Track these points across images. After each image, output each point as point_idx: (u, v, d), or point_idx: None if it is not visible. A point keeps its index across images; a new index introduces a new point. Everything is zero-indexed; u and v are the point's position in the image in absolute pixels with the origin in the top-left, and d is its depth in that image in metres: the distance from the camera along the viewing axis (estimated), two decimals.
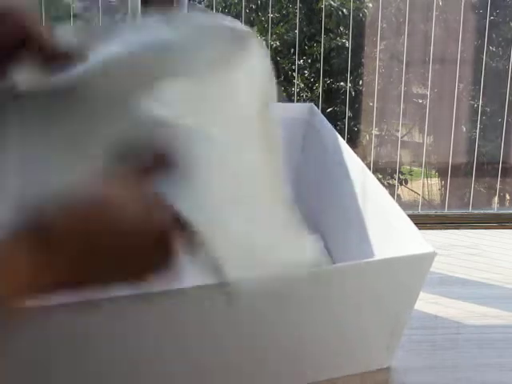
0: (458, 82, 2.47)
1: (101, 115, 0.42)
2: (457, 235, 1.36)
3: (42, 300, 0.38)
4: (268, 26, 4.17)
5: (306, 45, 4.32)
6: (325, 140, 1.06)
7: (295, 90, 3.63)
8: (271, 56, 0.50)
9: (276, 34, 4.31)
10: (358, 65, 4.07)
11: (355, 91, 4.02)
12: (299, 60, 4.24)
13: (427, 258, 0.68)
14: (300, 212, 1.21)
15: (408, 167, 4.43)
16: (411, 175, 4.46)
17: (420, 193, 4.26)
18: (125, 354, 0.60)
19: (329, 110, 3.95)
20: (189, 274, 0.42)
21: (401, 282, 0.70)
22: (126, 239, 0.39)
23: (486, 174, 3.49)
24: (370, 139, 3.82)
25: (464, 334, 0.87)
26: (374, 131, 3.95)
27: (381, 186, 0.87)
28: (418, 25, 3.68)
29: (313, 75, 4.34)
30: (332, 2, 4.05)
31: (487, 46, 3.55)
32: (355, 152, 0.96)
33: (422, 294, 0.72)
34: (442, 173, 4.27)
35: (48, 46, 0.42)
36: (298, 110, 1.14)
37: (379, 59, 3.59)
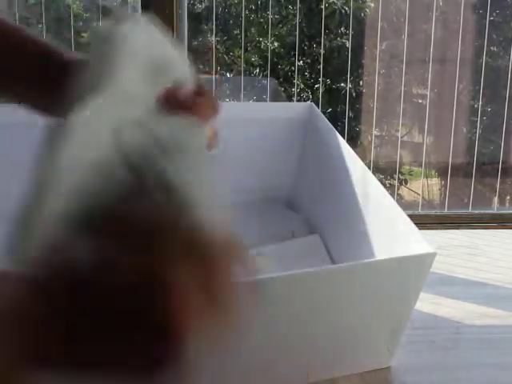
0: (458, 82, 2.47)
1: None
2: (457, 235, 1.36)
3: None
4: (268, 26, 4.17)
5: (305, 45, 4.31)
6: (325, 140, 1.06)
7: (295, 90, 3.63)
8: (270, 57, 0.50)
9: (276, 35, 4.31)
10: (358, 65, 4.07)
11: (355, 91, 4.01)
12: (299, 61, 4.23)
13: (427, 258, 0.68)
14: (300, 212, 1.21)
15: (408, 167, 4.43)
16: (411, 175, 4.46)
17: (420, 193, 4.25)
18: None
19: (329, 110, 3.95)
20: None
21: (401, 282, 0.70)
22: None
23: (486, 174, 3.49)
24: (370, 139, 3.82)
25: (464, 334, 0.86)
26: (374, 131, 3.95)
27: (381, 185, 0.87)
28: (419, 25, 3.67)
29: (313, 76, 4.34)
30: (335, 0, 4.05)
31: (487, 46, 3.55)
32: (355, 152, 0.96)
33: (422, 294, 0.72)
34: (441, 173, 4.27)
35: None
36: (298, 109, 1.14)
37: (379, 59, 3.59)
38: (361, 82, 4.15)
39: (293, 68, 4.26)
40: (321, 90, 3.58)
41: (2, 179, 0.88)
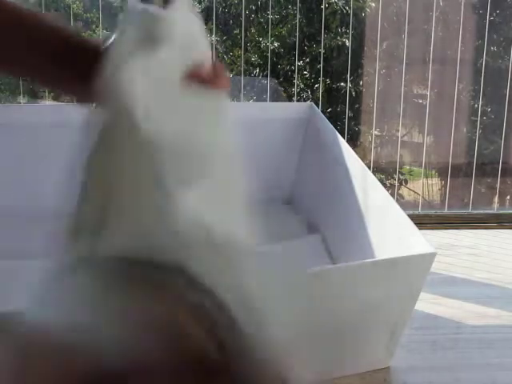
0: (458, 82, 2.47)
1: None
2: (457, 235, 1.36)
3: None
4: (268, 26, 4.17)
5: (305, 45, 4.31)
6: (325, 139, 1.06)
7: (295, 90, 3.62)
8: (271, 57, 0.51)
9: (276, 35, 4.31)
10: (358, 65, 4.07)
11: (355, 91, 4.01)
12: (299, 61, 4.23)
13: (428, 258, 0.68)
14: (300, 212, 1.21)
15: (408, 167, 4.43)
16: (411, 175, 4.46)
17: (420, 193, 4.25)
18: None
19: (329, 110, 3.95)
20: None
21: (401, 282, 0.70)
22: None
23: (486, 174, 3.49)
24: (370, 139, 3.82)
25: (464, 334, 0.87)
26: (375, 132, 3.95)
27: (381, 185, 0.87)
28: (419, 25, 3.67)
29: (313, 76, 4.34)
30: (336, 0, 4.05)
31: (487, 46, 3.55)
32: (355, 152, 0.96)
33: (422, 294, 0.72)
34: (442, 173, 4.27)
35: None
36: (298, 109, 1.14)
37: (379, 59, 3.59)
38: (361, 82, 4.15)
39: (293, 68, 4.26)
40: (321, 90, 3.58)
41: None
